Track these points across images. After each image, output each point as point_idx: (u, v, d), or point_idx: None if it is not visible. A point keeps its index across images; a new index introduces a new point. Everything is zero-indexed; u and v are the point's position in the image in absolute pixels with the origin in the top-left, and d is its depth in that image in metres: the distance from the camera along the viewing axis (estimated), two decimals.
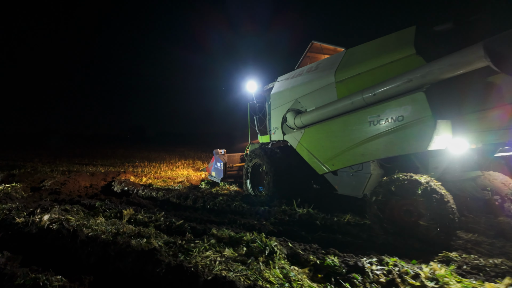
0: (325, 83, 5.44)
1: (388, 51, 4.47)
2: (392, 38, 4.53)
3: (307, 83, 5.94)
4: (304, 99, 6.01)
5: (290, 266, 2.94)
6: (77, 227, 3.75)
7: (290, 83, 6.51)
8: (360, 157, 4.76)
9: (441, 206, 3.59)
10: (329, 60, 5.73)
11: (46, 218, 4.10)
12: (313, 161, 5.69)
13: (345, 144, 4.98)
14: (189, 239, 3.85)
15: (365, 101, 4.59)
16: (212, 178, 9.17)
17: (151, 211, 5.14)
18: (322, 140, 5.46)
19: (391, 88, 4.20)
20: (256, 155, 6.69)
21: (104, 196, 7.48)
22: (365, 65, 4.76)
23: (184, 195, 6.47)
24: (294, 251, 3.24)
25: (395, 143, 4.25)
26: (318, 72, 5.76)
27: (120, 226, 4.26)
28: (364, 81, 4.74)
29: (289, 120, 6.28)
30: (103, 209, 5.20)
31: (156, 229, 4.22)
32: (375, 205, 4.02)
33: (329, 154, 5.32)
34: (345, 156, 5.01)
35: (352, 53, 5.17)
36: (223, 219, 5.03)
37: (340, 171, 5.31)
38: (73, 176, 9.84)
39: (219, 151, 8.90)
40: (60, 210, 5.00)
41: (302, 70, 6.42)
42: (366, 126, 4.60)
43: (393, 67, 4.36)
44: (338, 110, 5.06)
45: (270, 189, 6.10)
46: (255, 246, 3.27)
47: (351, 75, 4.96)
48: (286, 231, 4.33)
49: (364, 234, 4.03)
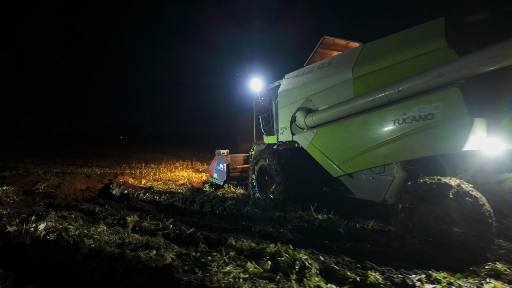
0: (341, 79, 5.09)
1: (414, 44, 4.15)
2: (418, 31, 4.21)
3: (320, 80, 5.59)
4: (316, 97, 5.66)
5: (327, 284, 2.57)
6: (78, 238, 3.33)
7: (300, 81, 6.15)
8: (382, 159, 4.42)
9: (476, 210, 3.29)
10: (344, 56, 5.39)
11: (42, 227, 3.67)
12: (327, 163, 5.34)
13: (364, 145, 4.64)
14: (204, 250, 3.47)
15: (387, 98, 4.24)
16: (213, 180, 8.76)
17: (157, 218, 4.73)
18: (338, 140, 5.11)
19: (419, 83, 3.86)
20: (264, 157, 6.32)
21: (103, 200, 7.03)
22: (387, 60, 4.43)
23: (190, 199, 6.06)
24: (327, 265, 2.88)
25: (423, 143, 3.92)
26: (332, 68, 5.41)
27: (125, 236, 3.85)
28: (386, 77, 4.40)
29: (299, 120, 5.93)
30: (104, 215, 4.77)
31: (164, 239, 3.82)
32: (402, 213, 3.69)
33: (345, 155, 4.98)
34: (365, 157, 4.67)
35: (371, 48, 4.84)
36: (235, 226, 4.66)
37: (358, 173, 4.96)
38: (68, 178, 9.35)
39: (222, 152, 8.50)
40: (56, 217, 4.57)
41: (313, 66, 6.07)
42: (389, 125, 4.26)
43: (420, 61, 4.03)
44: (356, 108, 4.71)
45: (280, 193, 5.73)
46: (283, 260, 2.90)
47: (371, 71, 4.62)
48: (307, 240, 3.97)
49: (395, 243, 3.68)
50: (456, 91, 3.61)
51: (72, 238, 3.26)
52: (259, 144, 7.75)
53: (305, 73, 6.14)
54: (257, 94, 7.61)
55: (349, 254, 3.42)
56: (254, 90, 7.68)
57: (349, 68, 4.93)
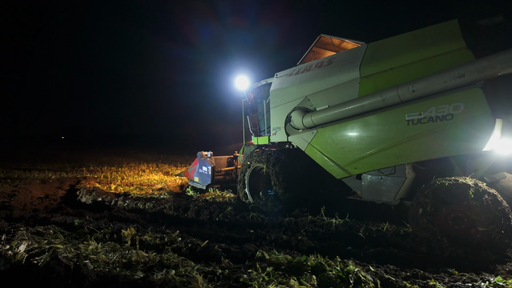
0: (345, 78, 4.94)
1: (428, 44, 4.12)
2: (431, 31, 4.19)
3: (320, 79, 5.38)
4: (316, 97, 5.46)
5: None
6: (79, 260, 2.69)
7: (295, 79, 5.91)
8: (394, 160, 4.34)
9: (497, 207, 3.34)
10: (347, 55, 5.25)
11: (22, 249, 2.94)
12: (329, 164, 5.16)
13: (373, 146, 4.53)
14: (229, 266, 3.03)
15: (400, 98, 4.17)
16: (194, 184, 8.14)
17: (159, 230, 4.13)
18: (342, 141, 4.94)
19: (437, 84, 3.83)
20: (258, 160, 5.99)
21: (72, 210, 6.12)
22: (398, 60, 4.35)
23: (182, 206, 5.47)
24: (380, 276, 2.64)
25: (441, 144, 3.89)
26: (333, 67, 5.24)
27: (128, 253, 3.25)
28: (397, 77, 4.32)
29: (295, 120, 5.68)
30: (90, 228, 4.04)
31: (174, 254, 3.30)
32: (424, 217, 3.63)
33: (350, 156, 4.83)
34: (374, 158, 4.56)
35: (378, 47, 4.75)
36: (244, 235, 4.26)
37: (365, 175, 4.83)
38: (22, 185, 8.05)
39: (204, 154, 7.93)
40: (29, 234, 3.77)
41: (309, 65, 5.86)
42: (402, 126, 4.18)
43: (436, 61, 4.00)
44: (364, 108, 4.59)
45: (279, 198, 5.44)
46: (334, 274, 2.60)
47: (381, 70, 4.52)
48: (330, 247, 3.71)
49: (423, 246, 3.58)
50: (478, 91, 3.62)
51: (72, 262, 2.62)
52: (249, 145, 7.36)
53: (300, 72, 5.91)
54: (243, 93, 7.21)
55: (379, 260, 3.25)
56: (240, 88, 7.27)
57: (355, 67, 4.80)
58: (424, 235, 3.65)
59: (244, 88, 7.26)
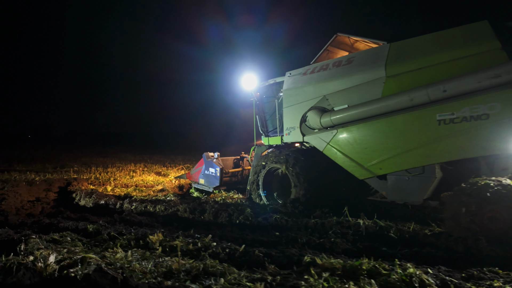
0: (369, 78, 4.90)
1: (459, 45, 4.15)
2: (460, 32, 4.23)
3: (339, 78, 5.32)
4: (335, 96, 5.39)
5: None
6: (124, 271, 2.45)
7: (311, 78, 5.81)
8: (423, 159, 4.34)
9: None
10: (368, 54, 5.22)
11: (52, 260, 2.64)
12: (351, 164, 5.11)
13: (401, 146, 4.51)
14: (276, 272, 2.89)
15: (429, 98, 4.17)
16: (199, 186, 7.86)
17: (188, 235, 3.90)
18: (365, 141, 4.90)
19: (470, 84, 3.86)
20: (275, 160, 5.84)
21: (73, 214, 5.72)
22: (427, 59, 4.36)
23: (199, 208, 5.24)
24: (442, 279, 2.59)
25: (474, 143, 3.92)
26: (354, 67, 5.19)
27: (161, 260, 3.04)
28: (425, 76, 4.33)
29: (312, 120, 5.60)
30: (111, 235, 3.75)
31: (214, 260, 3.11)
32: (467, 217, 3.63)
33: (375, 156, 4.80)
34: (401, 158, 4.54)
35: (403, 47, 4.74)
36: (272, 238, 4.12)
37: (390, 175, 4.80)
38: (10, 188, 7.46)
39: (210, 155, 7.67)
40: (44, 242, 3.44)
41: (325, 64, 5.78)
42: (433, 125, 4.18)
43: (467, 61, 4.03)
44: (389, 107, 4.56)
45: (299, 199, 5.34)
46: (397, 277, 2.52)
47: (409, 70, 4.51)
48: (366, 249, 3.65)
49: (459, 246, 3.59)
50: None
51: (119, 273, 2.38)
52: (260, 146, 7.19)
53: (316, 71, 5.81)
54: (251, 93, 7.04)
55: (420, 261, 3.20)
56: (248, 87, 7.06)
57: (380, 66, 4.77)
58: (464, 234, 3.62)
59: (252, 87, 7.08)
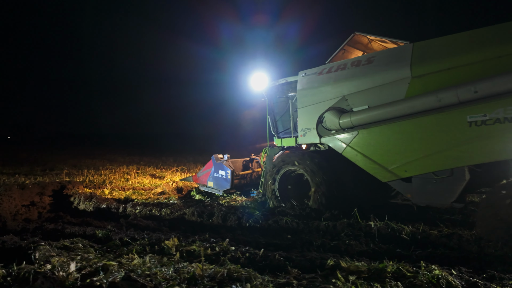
0: (393, 78, 4.79)
1: (491, 45, 4.09)
2: (493, 32, 4.16)
3: (360, 78, 5.19)
4: (355, 97, 5.25)
5: None
6: (154, 279, 2.38)
7: (329, 78, 5.65)
8: (453, 162, 4.26)
9: None
10: (389, 54, 5.13)
11: (73, 268, 2.55)
12: (373, 167, 4.98)
13: (428, 147, 4.42)
14: (300, 276, 2.88)
15: (458, 99, 4.08)
16: (207, 189, 7.61)
17: (202, 238, 3.84)
18: (390, 143, 4.79)
19: (504, 84, 3.79)
20: (295, 162, 5.71)
21: (74, 219, 5.56)
22: (457, 60, 4.27)
23: (207, 211, 5.16)
24: (466, 280, 2.63)
25: (509, 145, 3.83)
26: (376, 66, 5.06)
27: (181, 266, 2.98)
28: (453, 77, 4.24)
29: (330, 121, 5.45)
30: (124, 240, 3.65)
31: (236, 265, 3.07)
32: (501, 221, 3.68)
33: (400, 158, 4.69)
34: (428, 160, 4.45)
35: (428, 47, 4.64)
36: (286, 241, 4.11)
37: (415, 177, 4.70)
38: (3, 191, 7.16)
39: (219, 157, 7.43)
40: (55, 249, 3.32)
41: (342, 63, 5.62)
42: (464, 127, 4.09)
43: (500, 62, 3.94)
44: (415, 108, 4.45)
45: (319, 202, 5.29)
46: (425, 279, 2.55)
47: (436, 70, 4.40)
48: (381, 250, 3.69)
49: (473, 247, 3.67)
50: None
51: (147, 280, 2.31)
52: (272, 147, 7.05)
53: (333, 71, 5.65)
54: (262, 93, 6.91)
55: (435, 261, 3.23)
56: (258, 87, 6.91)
57: (405, 66, 4.65)
58: (495, 237, 3.64)
59: (262, 87, 6.92)
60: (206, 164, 7.76)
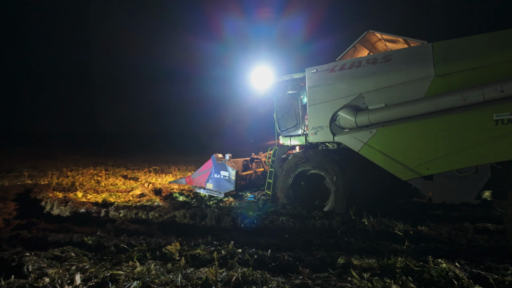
0: (415, 76, 4.82)
1: None
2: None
3: (378, 75, 5.16)
4: (373, 94, 5.22)
5: None
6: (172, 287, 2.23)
7: (343, 76, 5.56)
8: (478, 159, 4.33)
9: None
10: (407, 52, 5.17)
11: (79, 280, 2.33)
12: (393, 165, 4.94)
13: (453, 145, 4.47)
14: (313, 276, 2.89)
15: (484, 98, 4.20)
16: (206, 191, 7.14)
17: (207, 242, 3.69)
18: (412, 141, 4.78)
19: None
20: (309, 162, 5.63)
21: (51, 225, 5.10)
22: (483, 60, 4.39)
23: (199, 213, 4.98)
24: (470, 272, 2.79)
25: None
26: (395, 64, 5.07)
27: (190, 272, 2.86)
28: (478, 76, 4.37)
29: (344, 119, 5.37)
30: (121, 247, 3.42)
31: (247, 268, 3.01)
32: None
33: (422, 157, 4.70)
34: (452, 158, 4.49)
35: (450, 47, 4.72)
36: (283, 241, 4.11)
37: (438, 175, 4.74)
38: None
39: (220, 156, 6.99)
40: (44, 259, 3.03)
41: (357, 61, 5.54)
42: (490, 125, 4.18)
43: None
44: (438, 106, 4.51)
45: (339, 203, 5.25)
46: (435, 273, 2.66)
47: (461, 69, 4.51)
48: (379, 246, 3.80)
49: (461, 239, 3.92)
50: None
51: None
52: (281, 147, 6.81)
53: (346, 68, 5.56)
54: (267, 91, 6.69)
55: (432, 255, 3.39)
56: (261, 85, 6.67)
57: (428, 65, 4.72)
58: None
59: (268, 84, 6.67)
60: (203, 165, 7.28)
